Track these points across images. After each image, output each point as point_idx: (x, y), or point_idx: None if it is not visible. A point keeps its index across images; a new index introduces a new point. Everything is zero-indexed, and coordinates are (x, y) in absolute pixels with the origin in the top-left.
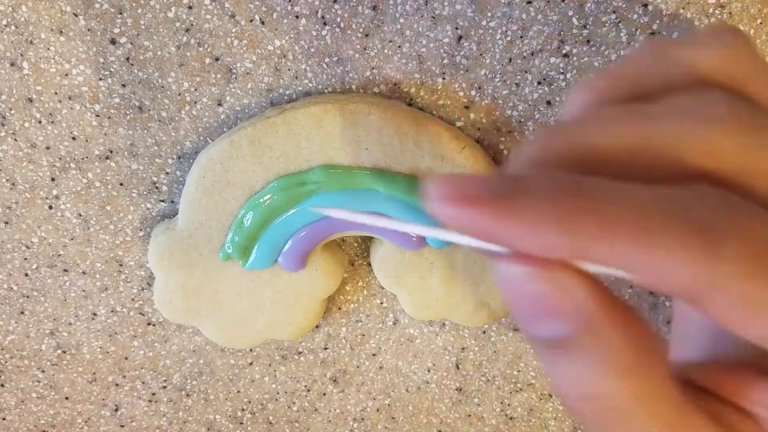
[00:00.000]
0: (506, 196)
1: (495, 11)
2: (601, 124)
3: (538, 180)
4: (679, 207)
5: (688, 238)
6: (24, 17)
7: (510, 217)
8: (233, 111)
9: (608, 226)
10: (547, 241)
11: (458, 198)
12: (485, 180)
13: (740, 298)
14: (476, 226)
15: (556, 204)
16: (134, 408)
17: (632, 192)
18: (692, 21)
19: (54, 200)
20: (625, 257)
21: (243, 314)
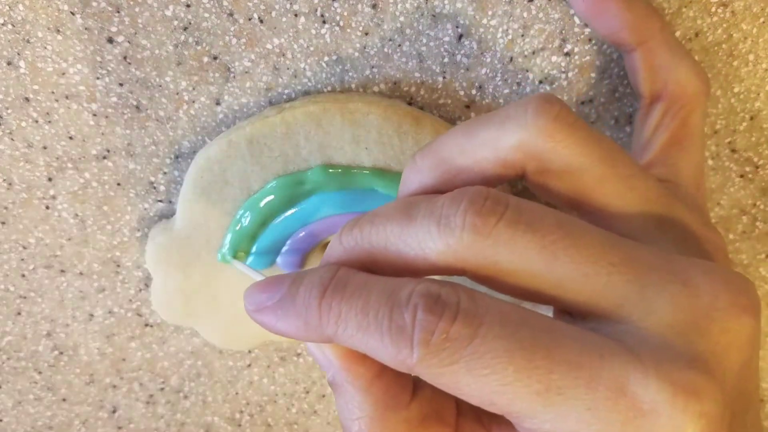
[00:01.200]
0: (281, 305)
1: (496, 9)
2: (379, 224)
3: (306, 283)
4: (389, 308)
5: (386, 338)
6: (21, 16)
7: (283, 320)
8: (231, 110)
9: (339, 327)
10: (304, 336)
11: (255, 308)
12: (274, 287)
13: (433, 381)
14: (267, 328)
15: (307, 309)
16: (132, 410)
17: (369, 290)
18: (695, 19)
19: (51, 200)
20: (354, 346)
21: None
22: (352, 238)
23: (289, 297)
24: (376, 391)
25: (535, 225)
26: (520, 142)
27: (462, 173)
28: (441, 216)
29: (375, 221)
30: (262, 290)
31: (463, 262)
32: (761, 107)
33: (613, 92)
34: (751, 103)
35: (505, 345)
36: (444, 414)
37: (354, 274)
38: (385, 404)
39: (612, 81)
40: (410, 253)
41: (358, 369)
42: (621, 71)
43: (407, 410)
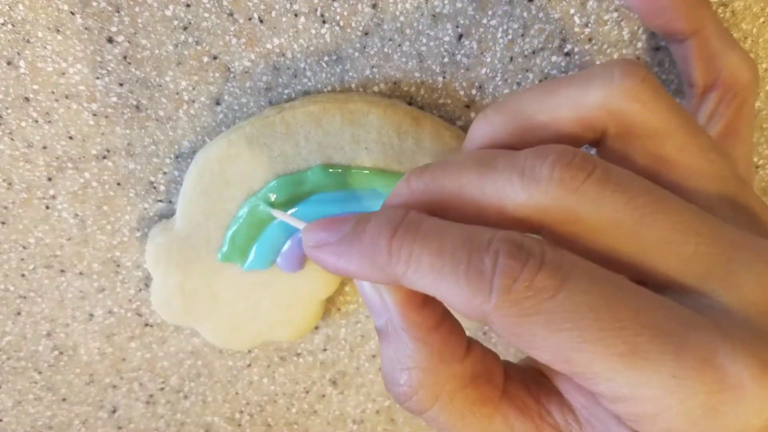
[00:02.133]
0: (346, 242)
1: (496, 9)
2: (454, 170)
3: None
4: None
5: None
6: (20, 16)
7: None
8: (231, 110)
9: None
10: (368, 275)
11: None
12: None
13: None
14: (327, 265)
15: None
16: (132, 410)
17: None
18: None
19: (51, 200)
20: (424, 288)
21: (241, 315)
22: (422, 182)
23: (355, 234)
24: (432, 342)
25: (625, 186)
26: (605, 101)
27: (538, 130)
28: (525, 167)
29: (449, 167)
30: (323, 228)
31: (543, 216)
32: (761, 107)
33: None
34: None
35: (591, 301)
36: (493, 376)
37: (426, 217)
38: (439, 356)
39: None
40: (486, 202)
41: (416, 317)
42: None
43: (461, 365)
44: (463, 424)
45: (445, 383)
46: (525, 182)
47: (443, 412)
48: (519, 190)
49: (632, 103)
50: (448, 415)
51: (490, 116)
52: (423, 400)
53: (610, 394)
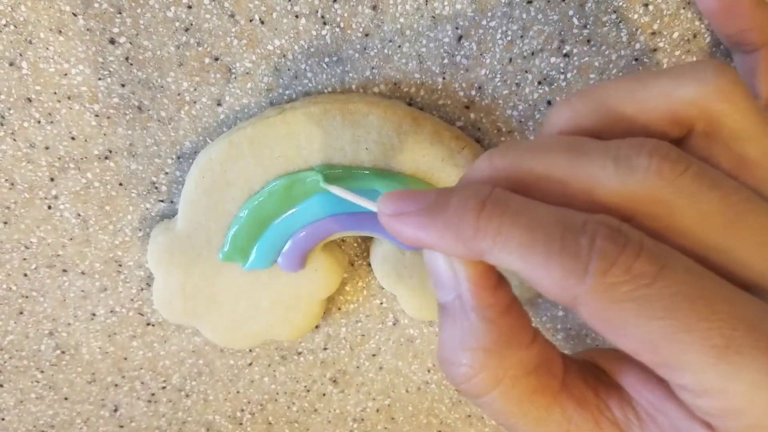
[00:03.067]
0: (428, 212)
1: (495, 11)
2: (541, 151)
3: (458, 195)
4: (561, 230)
5: (555, 258)
6: (23, 17)
7: (426, 229)
8: (233, 111)
9: (498, 242)
10: (450, 248)
11: (394, 213)
12: (418, 196)
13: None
14: (404, 235)
15: (461, 219)
16: (133, 408)
17: (535, 212)
18: (693, 20)
19: (53, 200)
20: (509, 265)
21: (242, 315)
22: (507, 160)
23: (439, 206)
24: (501, 325)
25: (720, 183)
26: (698, 97)
27: (625, 121)
28: (620, 155)
29: (537, 148)
30: (403, 198)
31: (635, 206)
32: None
33: None
34: None
35: (689, 291)
36: (553, 367)
37: (513, 195)
38: (507, 341)
39: None
40: (575, 187)
41: (489, 297)
42: (619, 72)
43: (526, 352)
44: (521, 412)
45: (509, 369)
46: (620, 170)
47: (502, 397)
48: (612, 177)
49: (723, 103)
50: (506, 401)
51: (575, 103)
52: (484, 382)
53: (696, 387)
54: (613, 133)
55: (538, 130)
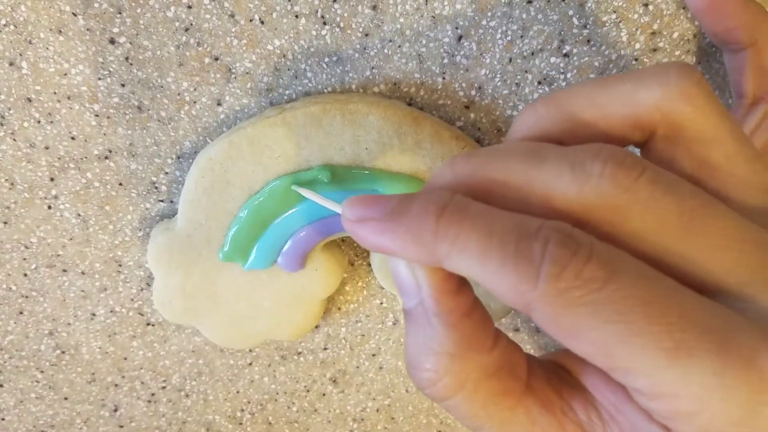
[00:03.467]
0: (389, 218)
1: (495, 11)
2: (502, 158)
3: (419, 202)
4: (516, 236)
5: (509, 264)
6: (23, 17)
7: (388, 234)
8: (232, 111)
9: (455, 248)
10: (410, 254)
11: (357, 218)
12: (380, 202)
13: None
14: (367, 241)
15: (421, 224)
16: (133, 408)
17: (492, 218)
18: (693, 20)
19: (53, 200)
20: (467, 271)
21: (242, 315)
22: (469, 167)
23: (400, 212)
24: (463, 329)
25: (674, 188)
26: (659, 101)
27: (586, 127)
28: (576, 161)
29: (497, 155)
30: (365, 204)
31: (590, 213)
32: None
33: None
34: None
35: (641, 295)
36: (517, 369)
37: (473, 202)
38: (467, 344)
39: None
40: (532, 194)
41: (450, 302)
42: (619, 72)
43: (488, 355)
44: (486, 414)
45: (471, 372)
46: (576, 176)
47: (466, 400)
48: (569, 183)
49: (686, 106)
50: (470, 404)
51: (539, 108)
52: (447, 386)
53: (649, 390)
54: (576, 138)
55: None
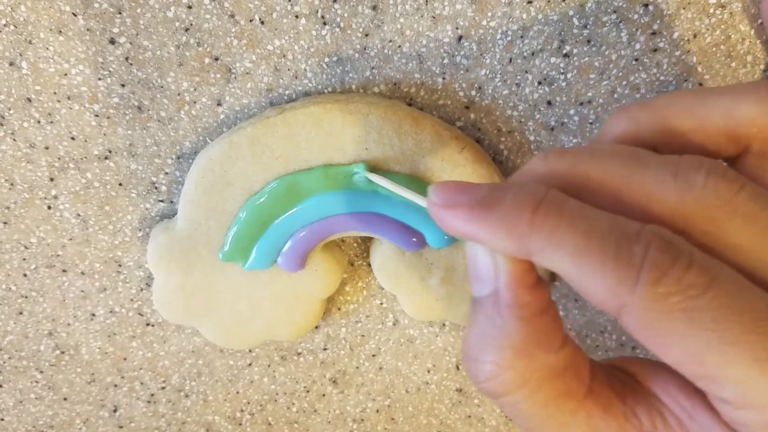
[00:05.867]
0: (481, 205)
1: (495, 11)
2: (599, 158)
3: (513, 192)
4: (617, 237)
5: (608, 264)
6: (23, 17)
7: (478, 222)
8: (233, 111)
9: (550, 243)
10: (499, 243)
11: (445, 204)
12: (471, 189)
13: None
14: (453, 226)
15: (516, 216)
16: (133, 409)
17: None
18: (693, 21)
19: (53, 200)
20: (558, 267)
21: (242, 315)
22: (564, 163)
23: (492, 200)
24: (535, 326)
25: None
26: (758, 116)
27: (683, 136)
28: (679, 170)
29: (595, 155)
30: (454, 190)
31: (689, 222)
32: None
33: (611, 93)
34: None
35: (738, 304)
36: (580, 372)
37: (569, 198)
38: (536, 342)
39: (611, 82)
40: (632, 197)
41: (526, 296)
42: (619, 72)
43: (556, 355)
44: (545, 415)
45: (536, 370)
46: (678, 185)
47: (527, 399)
48: (670, 191)
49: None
50: (531, 403)
51: (634, 112)
52: (508, 382)
53: (737, 400)
54: (670, 146)
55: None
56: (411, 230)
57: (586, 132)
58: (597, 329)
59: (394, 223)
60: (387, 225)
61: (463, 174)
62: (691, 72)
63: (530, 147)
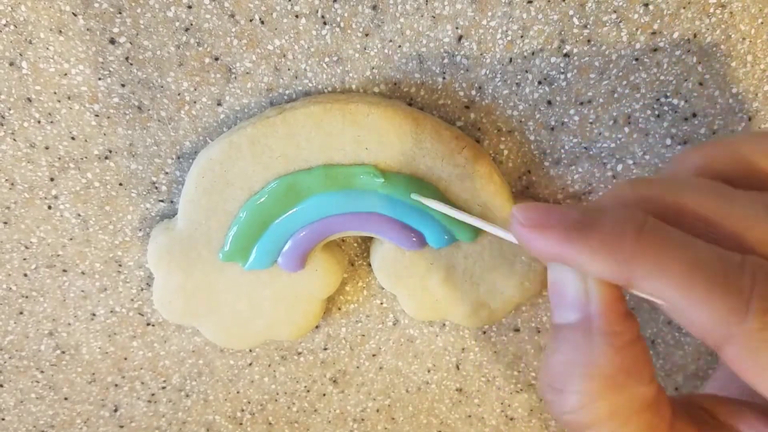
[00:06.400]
0: (578, 228)
1: (495, 11)
2: (691, 189)
3: (612, 217)
4: (723, 266)
5: (717, 293)
6: (23, 17)
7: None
8: (233, 111)
9: (656, 269)
10: (598, 267)
11: (535, 225)
12: (564, 211)
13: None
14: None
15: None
16: (133, 408)
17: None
18: (693, 20)
19: (53, 200)
20: (662, 295)
21: (242, 315)
22: (655, 191)
23: (589, 224)
24: (627, 355)
25: None
26: None
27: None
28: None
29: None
30: (543, 210)
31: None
32: (759, 107)
33: (612, 93)
34: (750, 104)
35: None
36: (662, 407)
37: (670, 227)
38: (628, 372)
39: (611, 82)
40: (725, 228)
41: (620, 325)
42: (620, 72)
43: (646, 388)
44: None
45: (626, 402)
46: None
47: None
48: (763, 222)
49: None
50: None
51: (709, 150)
52: (596, 413)
53: None
54: (747, 182)
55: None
56: (411, 230)
57: (586, 132)
58: None
59: (394, 223)
60: (387, 225)
61: (464, 174)
62: (691, 72)
63: (530, 147)
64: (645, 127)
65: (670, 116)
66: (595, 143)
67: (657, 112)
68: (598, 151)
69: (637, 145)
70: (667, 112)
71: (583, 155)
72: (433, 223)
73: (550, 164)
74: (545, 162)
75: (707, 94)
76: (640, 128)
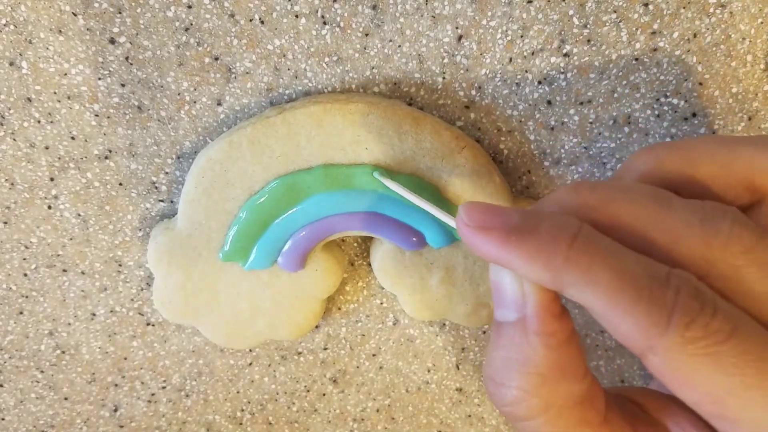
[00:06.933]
0: (516, 232)
1: (495, 11)
2: (629, 197)
3: (549, 223)
4: (649, 280)
5: (641, 306)
6: (23, 16)
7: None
8: (233, 111)
9: (585, 278)
10: (533, 272)
11: (477, 226)
12: (503, 213)
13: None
14: (484, 249)
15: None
16: (133, 408)
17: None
18: (693, 20)
19: (53, 200)
20: (590, 304)
21: (242, 314)
22: (594, 198)
23: (526, 229)
24: (561, 354)
25: None
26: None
27: (704, 180)
28: (705, 216)
29: (624, 193)
30: (486, 211)
31: (711, 266)
32: (759, 107)
33: (612, 93)
34: (749, 104)
35: (757, 351)
36: (596, 401)
37: (602, 235)
38: (562, 370)
39: (611, 81)
40: (658, 238)
41: (554, 325)
42: (620, 72)
43: (579, 384)
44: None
45: (559, 397)
46: (705, 230)
47: (548, 425)
48: (696, 236)
49: None
50: (551, 429)
51: (660, 152)
52: (532, 407)
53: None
54: (691, 189)
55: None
56: (411, 230)
57: (586, 132)
58: (597, 329)
59: (394, 222)
60: (387, 225)
61: (464, 173)
62: (691, 72)
63: (530, 147)
64: (645, 127)
65: (670, 116)
66: (595, 143)
67: (657, 112)
68: (598, 151)
69: (637, 145)
70: (667, 112)
71: (583, 155)
72: (433, 223)
73: (550, 164)
74: (545, 162)
75: (707, 94)
76: (640, 128)
